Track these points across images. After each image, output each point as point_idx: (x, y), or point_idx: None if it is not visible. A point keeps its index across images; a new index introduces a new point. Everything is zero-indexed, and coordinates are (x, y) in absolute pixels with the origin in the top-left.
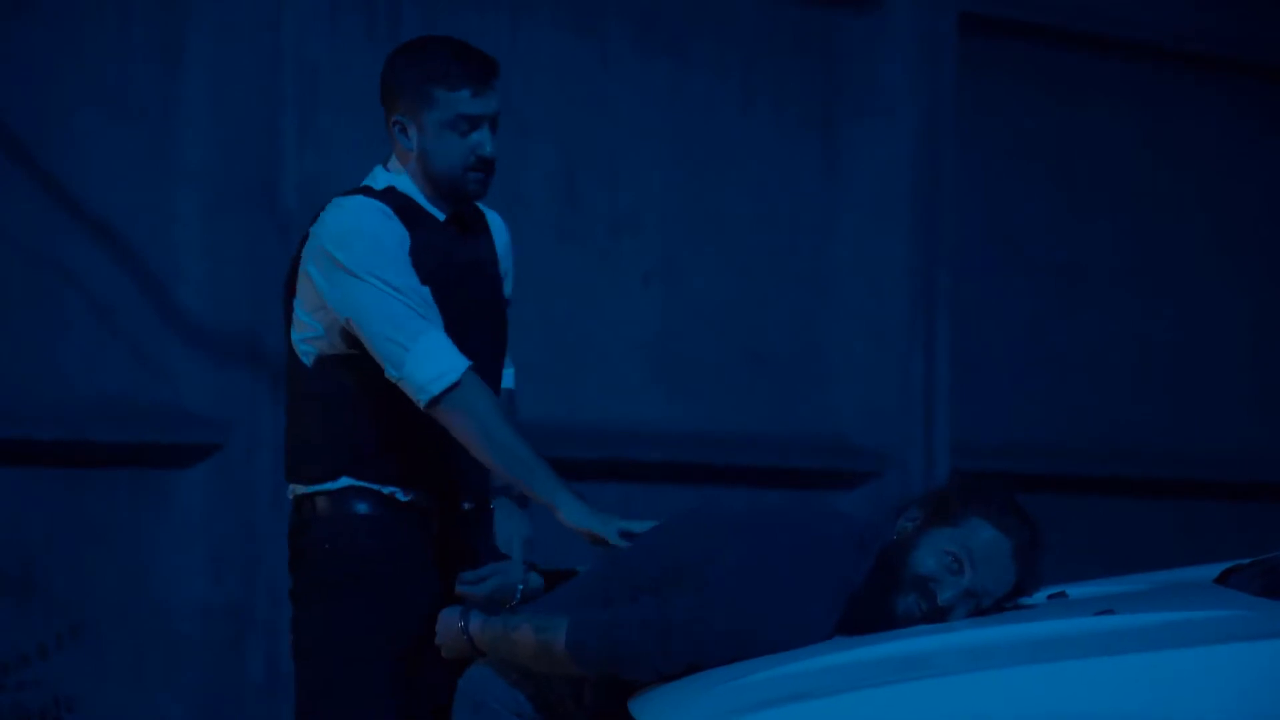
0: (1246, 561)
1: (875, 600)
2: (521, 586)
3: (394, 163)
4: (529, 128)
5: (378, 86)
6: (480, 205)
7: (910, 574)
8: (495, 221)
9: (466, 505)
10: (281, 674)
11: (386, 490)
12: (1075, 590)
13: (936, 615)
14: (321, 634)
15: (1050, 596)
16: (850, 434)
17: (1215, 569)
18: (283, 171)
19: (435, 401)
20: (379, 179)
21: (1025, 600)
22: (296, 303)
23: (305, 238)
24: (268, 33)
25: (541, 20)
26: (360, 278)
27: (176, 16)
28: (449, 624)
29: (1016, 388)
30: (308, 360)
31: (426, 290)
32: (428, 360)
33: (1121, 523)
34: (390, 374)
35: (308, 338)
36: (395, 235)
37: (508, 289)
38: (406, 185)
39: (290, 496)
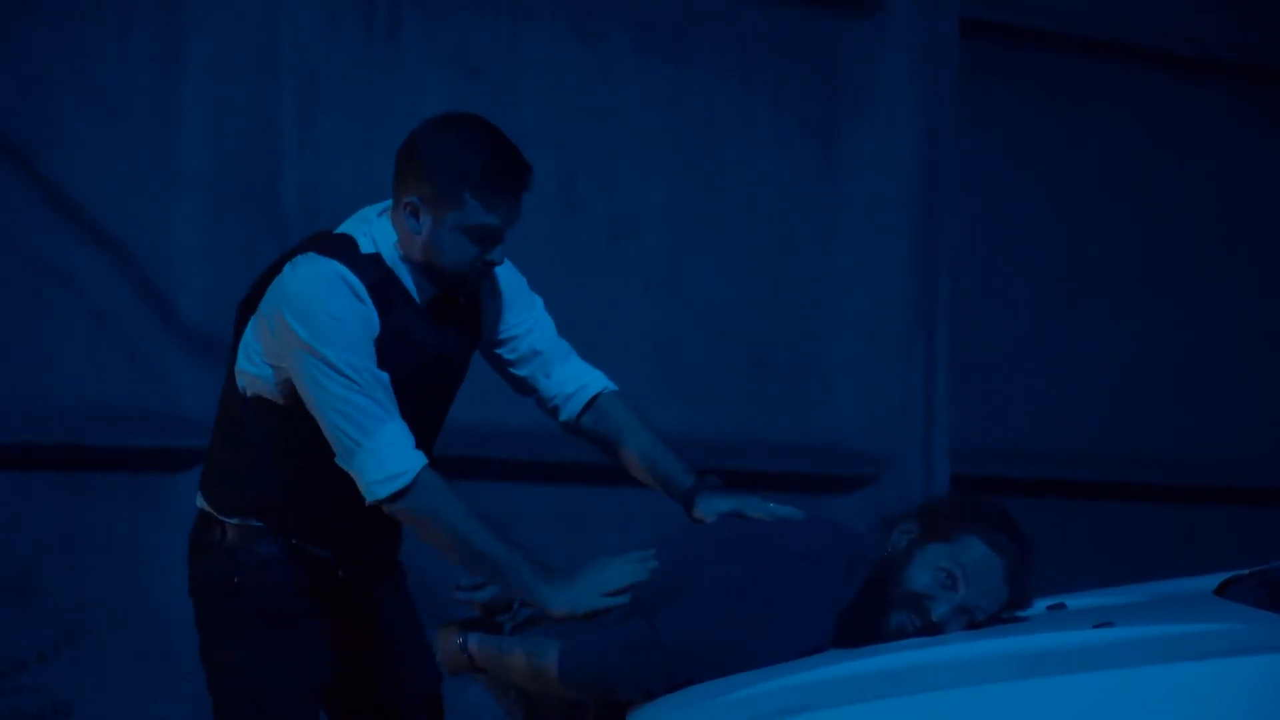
0: (1245, 572)
1: (869, 615)
2: None
3: (388, 224)
4: (528, 133)
5: (379, 90)
6: None
7: (904, 590)
8: (504, 276)
9: (370, 556)
10: None
11: (293, 541)
12: (1074, 601)
13: (930, 631)
14: (233, 671)
15: (1049, 608)
16: (849, 438)
17: (1214, 580)
18: (282, 176)
19: (382, 503)
20: (365, 238)
21: (1021, 613)
22: (250, 332)
23: (271, 268)
24: (266, 37)
25: (541, 24)
26: (318, 358)
27: (175, 20)
28: (448, 640)
29: (1016, 393)
30: (243, 391)
31: (386, 376)
32: (381, 460)
33: (1121, 528)
34: (340, 463)
35: (249, 373)
36: (362, 318)
37: (511, 319)
38: (394, 258)
39: (198, 505)
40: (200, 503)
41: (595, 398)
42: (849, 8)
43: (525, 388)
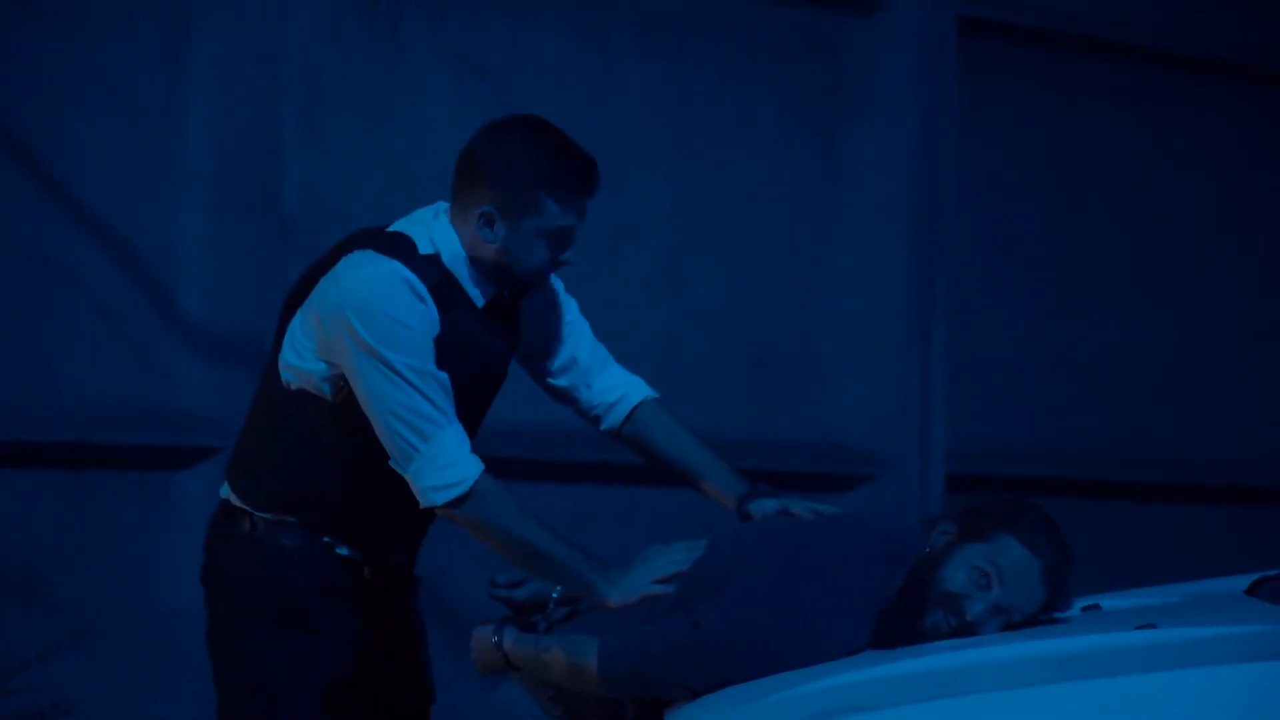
0: (1274, 573)
1: (905, 614)
2: (559, 589)
3: (448, 223)
4: None
5: (381, 88)
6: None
7: (940, 589)
8: (554, 288)
9: (400, 558)
10: None
11: (325, 539)
12: (1109, 602)
13: (965, 631)
14: (249, 669)
15: (1084, 608)
16: (848, 437)
17: (1244, 580)
18: (284, 174)
19: (441, 508)
20: (424, 238)
21: (1059, 614)
22: (300, 327)
23: (322, 262)
24: (270, 35)
25: (544, 23)
26: (379, 359)
27: (179, 18)
28: (483, 639)
29: (1014, 392)
30: (287, 385)
31: (446, 378)
32: (439, 467)
33: (1121, 528)
34: (395, 466)
35: (297, 367)
36: (424, 320)
37: (556, 329)
38: (456, 261)
39: (222, 496)
40: (226, 493)
41: (636, 406)
42: (850, 8)
43: (566, 397)
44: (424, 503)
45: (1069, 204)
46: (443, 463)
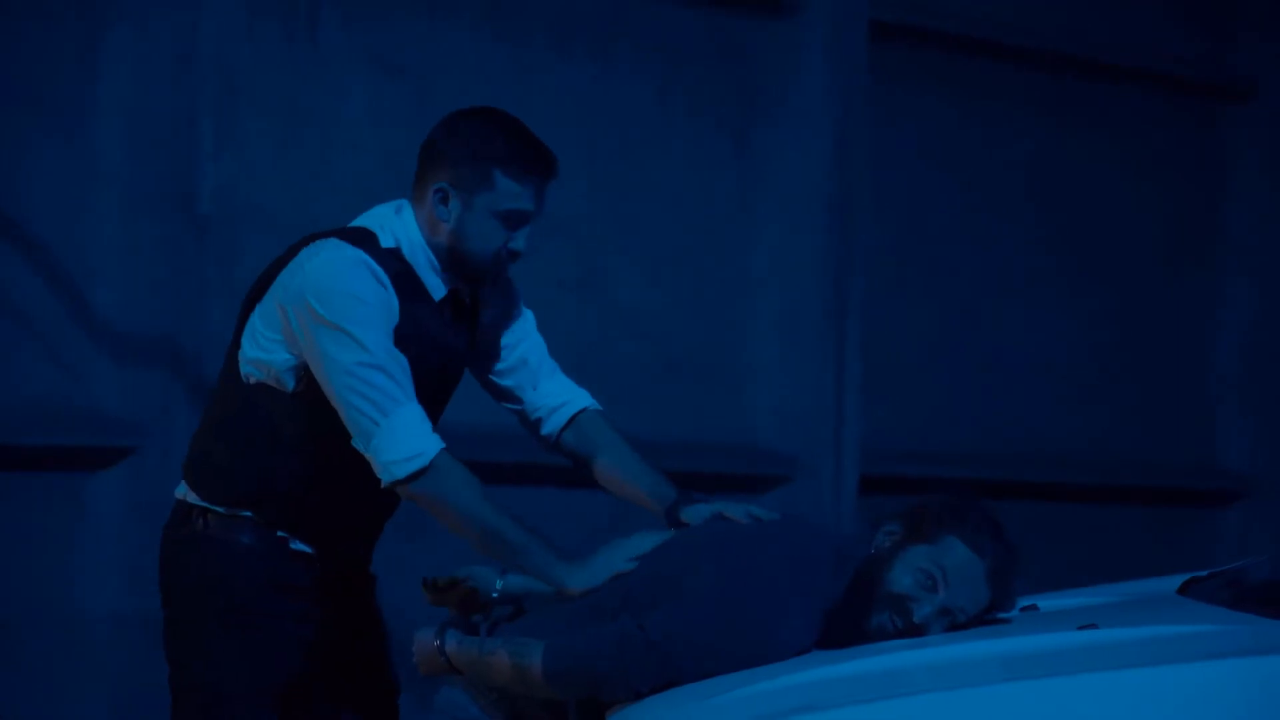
0: (1204, 574)
1: (852, 616)
2: (500, 585)
3: (411, 217)
4: None
5: (298, 88)
6: None
7: (886, 591)
8: (515, 294)
9: (355, 553)
10: None
11: (279, 534)
12: (1046, 603)
13: (912, 632)
14: (203, 670)
15: (1023, 609)
16: (763, 439)
17: (1174, 580)
18: (200, 174)
19: (399, 484)
20: (387, 231)
21: (1003, 614)
22: (260, 319)
23: (282, 258)
24: (185, 35)
25: (460, 24)
26: (340, 332)
27: (93, 14)
28: (425, 642)
29: (927, 393)
30: (247, 379)
31: (404, 359)
32: (399, 440)
33: (1033, 528)
34: (357, 444)
35: (259, 360)
36: (384, 303)
37: (510, 331)
38: (415, 252)
39: (177, 495)
40: (181, 493)
41: (578, 414)
42: (764, 12)
43: (509, 397)
44: (385, 478)
45: (981, 206)
46: (403, 436)
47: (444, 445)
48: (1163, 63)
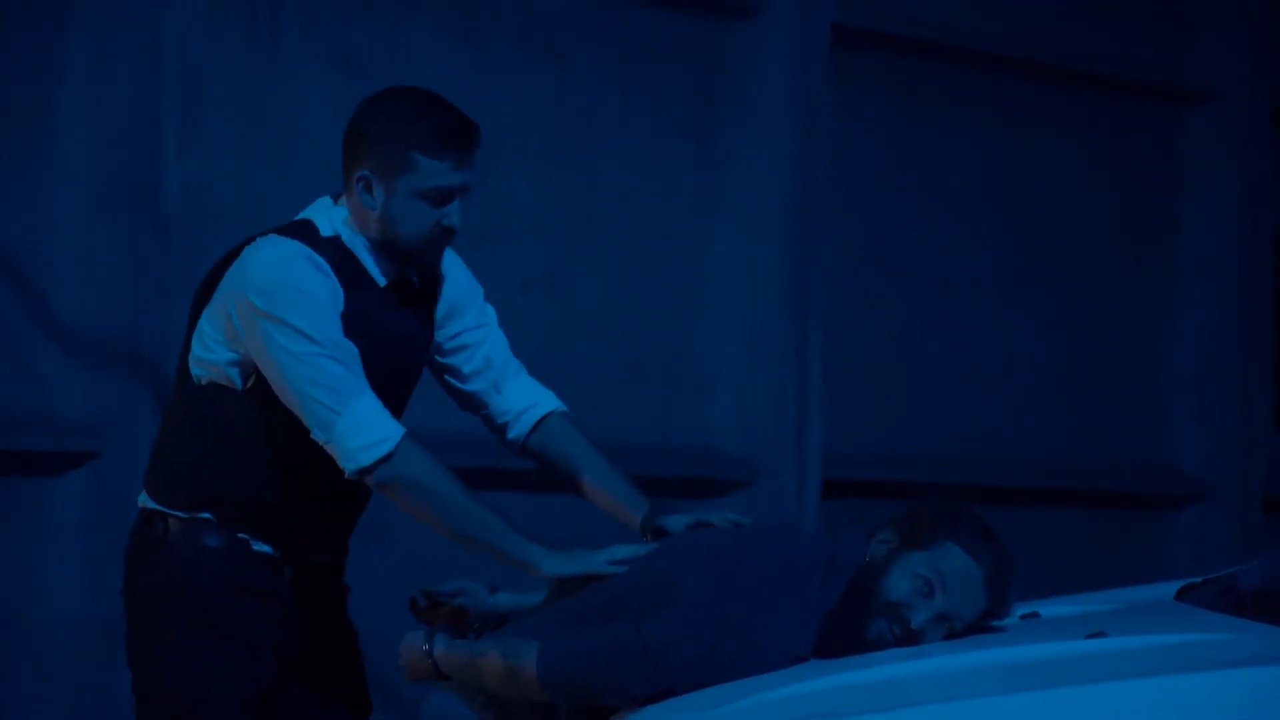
0: (1199, 580)
1: (850, 625)
2: (490, 602)
3: (344, 208)
4: None
5: (261, 89)
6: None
7: (882, 599)
8: (451, 269)
9: (320, 556)
10: None
11: (240, 536)
12: (1047, 609)
13: (910, 640)
14: (168, 676)
15: (1023, 616)
16: (723, 443)
17: (1171, 587)
18: (163, 174)
19: (365, 472)
20: (324, 222)
21: (999, 621)
22: (206, 320)
23: (227, 257)
24: (148, 34)
25: (421, 25)
26: (288, 327)
27: (55, 15)
28: (413, 646)
29: (888, 397)
30: (198, 380)
31: (355, 349)
32: (362, 427)
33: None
34: (317, 436)
35: (205, 359)
36: (329, 291)
37: (466, 323)
38: (354, 240)
39: (140, 504)
40: (143, 500)
41: (544, 418)
42: (726, 13)
43: (475, 403)
44: (350, 466)
45: (942, 210)
46: (365, 423)
47: (406, 430)
48: (1121, 67)
